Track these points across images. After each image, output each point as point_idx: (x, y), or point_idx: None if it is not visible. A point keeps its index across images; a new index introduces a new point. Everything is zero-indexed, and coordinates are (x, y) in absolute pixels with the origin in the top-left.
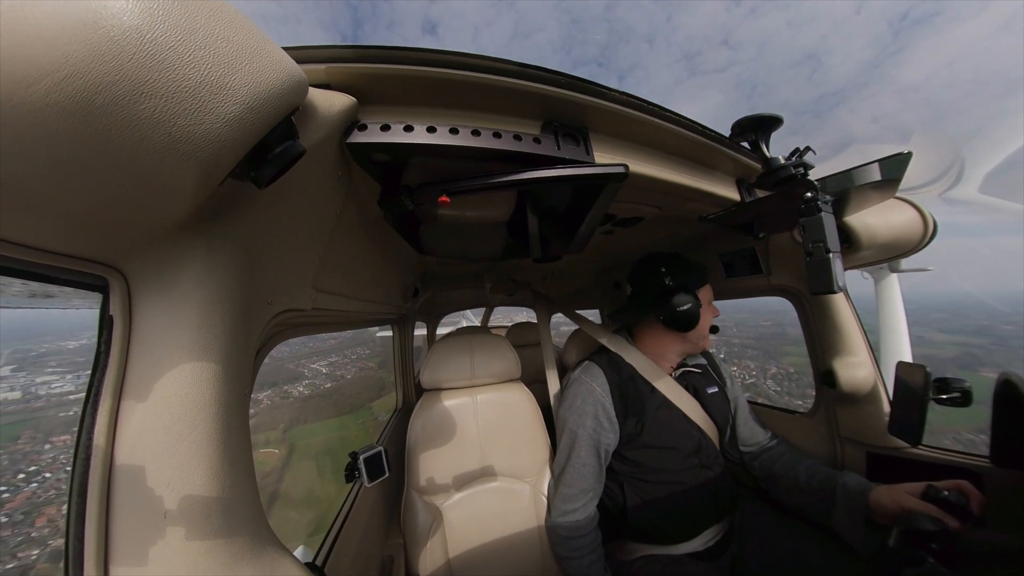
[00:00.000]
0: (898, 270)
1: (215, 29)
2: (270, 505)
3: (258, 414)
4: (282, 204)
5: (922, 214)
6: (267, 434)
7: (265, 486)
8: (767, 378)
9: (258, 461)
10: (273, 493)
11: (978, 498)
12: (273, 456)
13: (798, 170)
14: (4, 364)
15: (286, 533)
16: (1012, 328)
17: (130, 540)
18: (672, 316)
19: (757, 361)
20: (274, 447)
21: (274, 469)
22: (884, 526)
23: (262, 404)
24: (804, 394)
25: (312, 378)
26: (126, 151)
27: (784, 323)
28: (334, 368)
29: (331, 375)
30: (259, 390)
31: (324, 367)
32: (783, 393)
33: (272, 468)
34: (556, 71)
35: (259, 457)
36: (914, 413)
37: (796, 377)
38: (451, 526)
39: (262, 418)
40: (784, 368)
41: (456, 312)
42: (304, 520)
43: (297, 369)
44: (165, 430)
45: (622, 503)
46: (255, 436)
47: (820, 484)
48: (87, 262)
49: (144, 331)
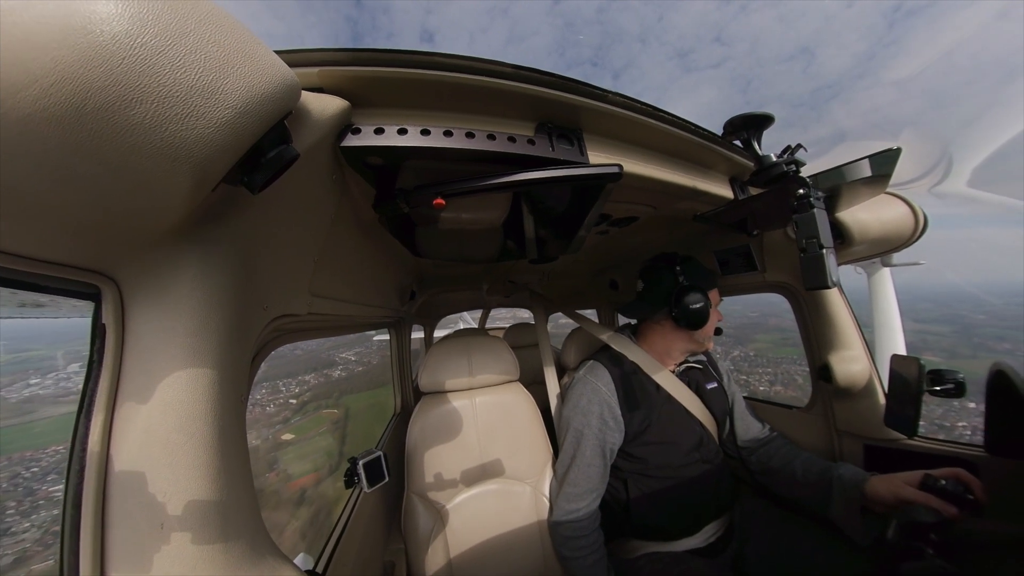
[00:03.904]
0: (890, 264)
1: (206, 33)
2: (342, 443)
3: (312, 389)
4: (276, 209)
5: (913, 209)
6: (326, 401)
7: (339, 428)
8: (727, 359)
9: (324, 417)
10: (344, 432)
11: (977, 484)
12: (334, 414)
13: (790, 167)
14: (70, 363)
15: (358, 448)
16: (984, 318)
17: (127, 550)
18: (685, 313)
19: (724, 346)
20: (333, 409)
21: (340, 419)
22: (882, 515)
23: (310, 383)
24: (754, 371)
25: (344, 365)
26: (118, 157)
27: (768, 314)
28: (360, 356)
29: (359, 361)
30: (305, 374)
31: (352, 356)
32: (735, 371)
33: (338, 419)
34: (549, 72)
35: (324, 415)
36: (909, 405)
37: (752, 359)
38: (452, 529)
39: (317, 391)
40: (746, 351)
41: (454, 314)
42: (365, 443)
43: (330, 358)
44: (161, 439)
45: (625, 500)
46: (320, 403)
47: (816, 477)
48: (78, 270)
49: (137, 339)
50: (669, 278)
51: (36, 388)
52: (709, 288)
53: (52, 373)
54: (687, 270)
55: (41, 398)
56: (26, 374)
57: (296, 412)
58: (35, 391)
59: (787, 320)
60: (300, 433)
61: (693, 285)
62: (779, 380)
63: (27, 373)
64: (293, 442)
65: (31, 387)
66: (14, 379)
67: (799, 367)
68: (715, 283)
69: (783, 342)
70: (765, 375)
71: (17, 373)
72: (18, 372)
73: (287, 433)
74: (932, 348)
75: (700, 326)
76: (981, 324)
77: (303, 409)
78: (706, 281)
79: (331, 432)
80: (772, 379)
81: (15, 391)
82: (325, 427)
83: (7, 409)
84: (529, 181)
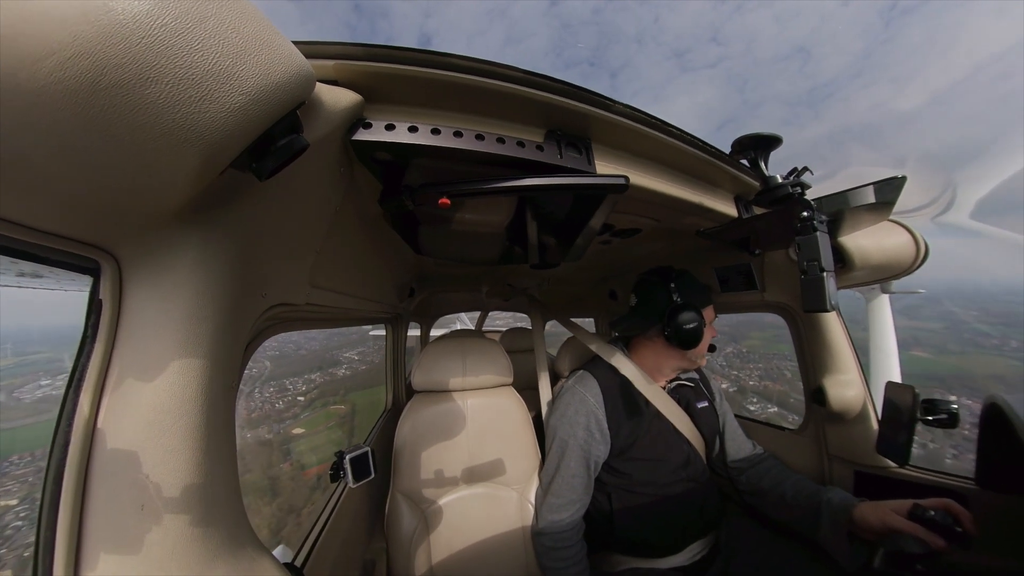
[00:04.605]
0: (890, 291)
1: (226, 19)
2: (350, 436)
3: (319, 387)
4: (281, 197)
5: (915, 237)
6: (333, 398)
7: (346, 422)
8: (721, 356)
9: (331, 413)
10: (352, 425)
11: (966, 516)
12: (341, 410)
13: (795, 189)
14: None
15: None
16: (977, 314)
17: (106, 528)
18: (678, 332)
19: (719, 343)
20: (340, 404)
21: (347, 414)
22: (869, 542)
23: (317, 382)
24: (745, 367)
25: (348, 364)
26: (128, 135)
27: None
28: (363, 356)
29: (362, 360)
30: (311, 372)
31: (355, 355)
32: (727, 367)
33: (345, 414)
34: (562, 80)
35: (331, 410)
36: (902, 433)
37: (745, 355)
38: (436, 530)
39: (324, 389)
40: (739, 348)
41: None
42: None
43: (334, 357)
44: (148, 420)
45: (609, 513)
46: (327, 400)
47: (806, 500)
48: (80, 244)
49: (133, 317)
50: (663, 295)
51: (48, 389)
52: (703, 306)
53: (61, 375)
54: (681, 286)
55: (55, 398)
56: (36, 376)
57: (305, 408)
58: (47, 392)
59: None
60: (310, 427)
61: (687, 303)
62: (768, 375)
63: (37, 375)
64: (304, 435)
65: (42, 388)
66: (26, 380)
67: (788, 362)
68: (710, 300)
69: (776, 339)
70: (756, 370)
71: (28, 375)
72: (28, 374)
73: (298, 427)
74: (923, 344)
75: (693, 346)
76: (972, 321)
77: (311, 405)
78: (700, 298)
79: (339, 426)
80: (761, 374)
81: (27, 392)
82: (333, 421)
83: (24, 408)
84: (536, 187)
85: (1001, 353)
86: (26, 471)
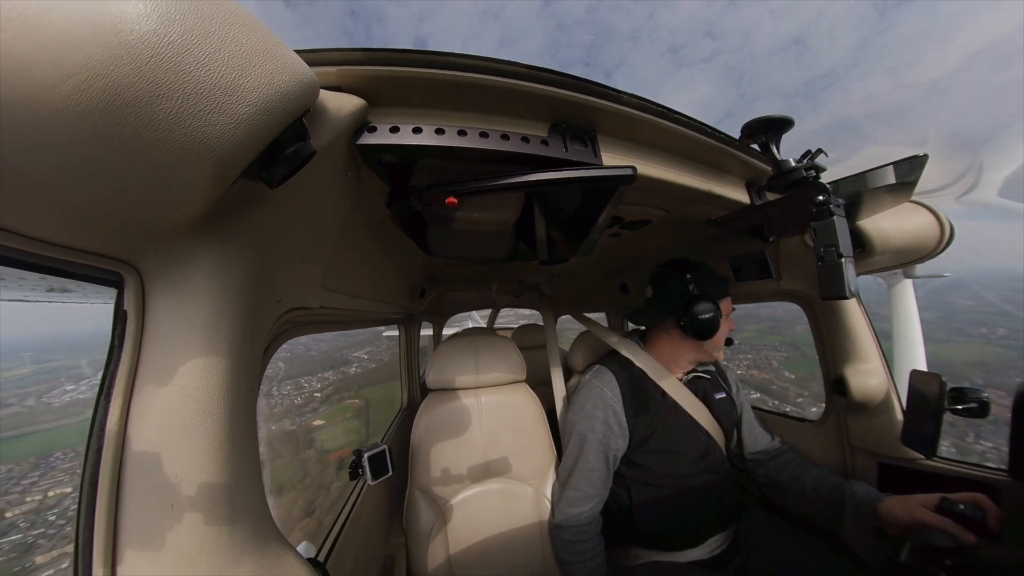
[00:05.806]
0: (913, 276)
1: (228, 33)
2: (367, 425)
3: (333, 384)
4: (292, 204)
5: (939, 218)
6: (347, 393)
7: (361, 414)
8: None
9: (348, 406)
10: (367, 417)
11: (995, 512)
12: (356, 404)
13: (809, 173)
14: (97, 371)
15: (379, 429)
16: (973, 304)
17: (139, 528)
18: (693, 323)
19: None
20: (355, 399)
21: (362, 407)
22: (894, 536)
23: (331, 380)
24: (735, 357)
25: (359, 363)
26: (144, 151)
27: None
28: (372, 355)
29: (372, 359)
30: (324, 371)
31: (365, 354)
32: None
33: (360, 407)
34: (564, 73)
35: (347, 404)
36: (928, 423)
37: (737, 347)
38: (453, 526)
39: (338, 385)
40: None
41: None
42: (384, 426)
43: (345, 357)
44: (175, 423)
45: (628, 507)
46: (342, 395)
47: (828, 493)
48: (103, 258)
49: (156, 326)
50: (679, 286)
51: (74, 393)
52: (720, 297)
53: (84, 380)
54: (698, 278)
55: (82, 401)
56: (60, 382)
57: (322, 403)
58: (74, 396)
59: (779, 311)
60: (329, 420)
61: (703, 294)
62: (756, 365)
63: (60, 381)
64: (324, 426)
65: (68, 392)
66: (51, 387)
67: (777, 353)
68: (727, 291)
69: (769, 331)
70: (744, 360)
71: (53, 381)
72: (53, 380)
73: (318, 420)
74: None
75: (709, 336)
76: (967, 310)
77: (328, 400)
78: (717, 290)
79: (356, 417)
80: (750, 364)
81: (55, 396)
82: (350, 413)
83: (55, 411)
84: (542, 182)
85: (988, 341)
86: (73, 464)
